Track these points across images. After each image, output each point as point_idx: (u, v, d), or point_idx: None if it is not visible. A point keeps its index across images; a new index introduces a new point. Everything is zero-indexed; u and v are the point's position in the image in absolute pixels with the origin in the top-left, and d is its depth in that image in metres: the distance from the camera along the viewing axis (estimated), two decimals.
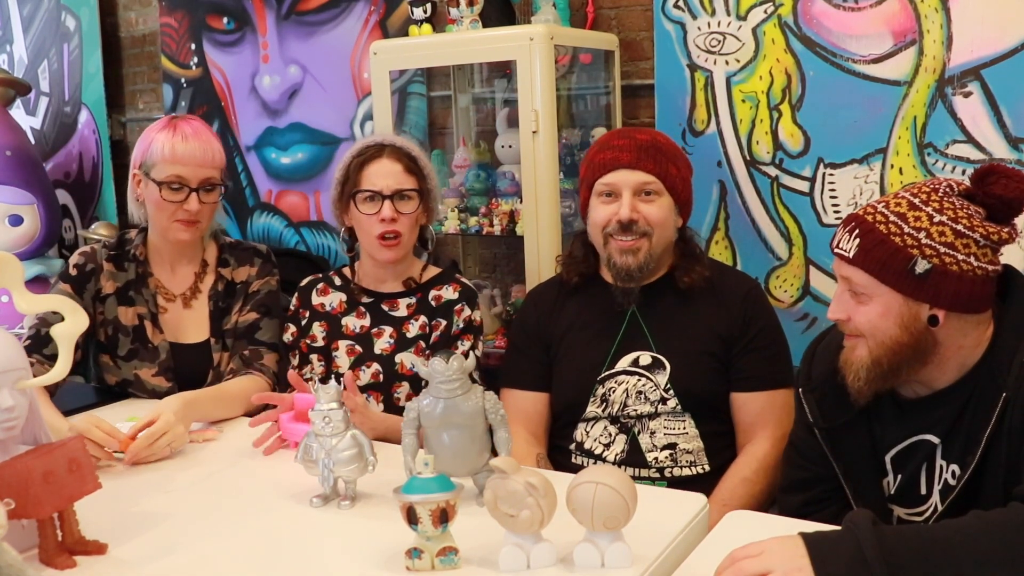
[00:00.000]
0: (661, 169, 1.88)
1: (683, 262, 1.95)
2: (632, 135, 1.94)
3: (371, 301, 2.09)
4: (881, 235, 1.38)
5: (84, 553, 1.30)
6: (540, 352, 2.00)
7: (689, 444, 1.87)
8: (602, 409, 1.91)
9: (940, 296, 1.36)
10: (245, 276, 2.15)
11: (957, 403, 1.42)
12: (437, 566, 1.21)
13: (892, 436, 1.49)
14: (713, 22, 2.52)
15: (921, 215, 1.36)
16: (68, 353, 1.35)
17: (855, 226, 1.42)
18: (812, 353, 1.62)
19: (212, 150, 2.05)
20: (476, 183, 2.69)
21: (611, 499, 1.16)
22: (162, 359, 2.08)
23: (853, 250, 1.40)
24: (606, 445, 1.89)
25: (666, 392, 1.87)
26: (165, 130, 2.03)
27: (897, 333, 1.38)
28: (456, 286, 2.08)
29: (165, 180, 2.01)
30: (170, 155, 2.00)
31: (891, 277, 1.37)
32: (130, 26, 3.95)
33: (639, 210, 1.87)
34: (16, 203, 3.59)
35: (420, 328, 2.05)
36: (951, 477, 1.42)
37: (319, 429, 1.43)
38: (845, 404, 1.48)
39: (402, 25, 3.09)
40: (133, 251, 2.12)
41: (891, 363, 1.40)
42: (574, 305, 2.00)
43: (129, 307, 2.09)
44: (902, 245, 1.36)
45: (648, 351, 1.91)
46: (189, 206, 2.02)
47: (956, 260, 1.35)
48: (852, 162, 2.39)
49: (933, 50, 2.26)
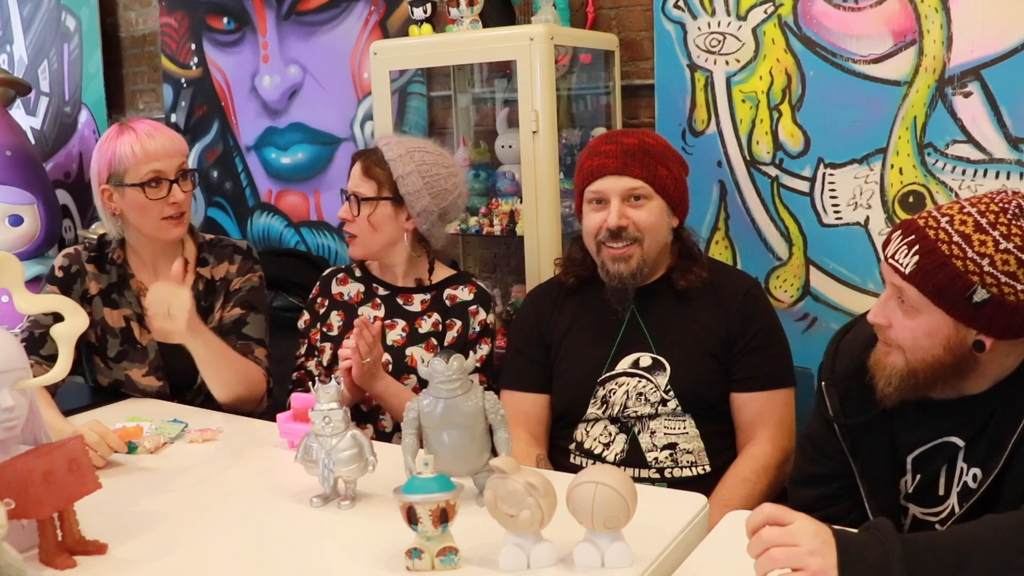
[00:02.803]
0: (649, 173, 1.86)
1: (680, 263, 1.95)
2: (619, 139, 1.91)
3: (387, 294, 2.12)
4: (943, 257, 1.30)
5: (84, 553, 1.29)
6: (540, 354, 2.00)
7: (689, 444, 1.87)
8: (602, 411, 1.90)
9: (993, 325, 1.31)
10: (224, 273, 2.15)
11: (987, 408, 1.39)
12: (437, 566, 1.21)
13: (916, 437, 1.46)
14: (713, 22, 2.52)
15: (987, 240, 1.29)
16: (68, 353, 1.35)
17: (915, 240, 1.33)
18: (836, 346, 1.57)
19: (177, 138, 2.07)
20: (476, 183, 2.69)
21: (611, 499, 1.16)
22: (151, 359, 2.08)
23: (910, 266, 1.32)
24: (606, 445, 1.89)
25: (666, 393, 1.87)
26: (123, 136, 2.02)
27: (940, 353, 1.34)
28: (472, 288, 2.10)
29: (144, 180, 2.00)
30: (142, 154, 1.99)
31: (946, 302, 1.31)
32: (130, 26, 3.95)
33: (628, 216, 1.86)
34: (16, 203, 3.59)
35: (432, 325, 2.07)
36: (971, 480, 1.40)
37: (319, 429, 1.43)
38: (868, 401, 1.44)
39: (402, 25, 3.09)
40: (111, 255, 2.11)
41: (927, 377, 1.36)
42: (573, 306, 2.00)
43: (114, 309, 2.10)
44: (963, 271, 1.29)
45: (648, 352, 1.90)
46: (175, 198, 2.02)
47: (1015, 291, 1.28)
48: (852, 162, 2.39)
49: (933, 50, 2.26)
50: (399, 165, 2.03)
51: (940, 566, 1.08)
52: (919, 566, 1.07)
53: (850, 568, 1.07)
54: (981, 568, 1.08)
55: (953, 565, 1.08)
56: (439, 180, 2.06)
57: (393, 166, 2.03)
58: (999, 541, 1.10)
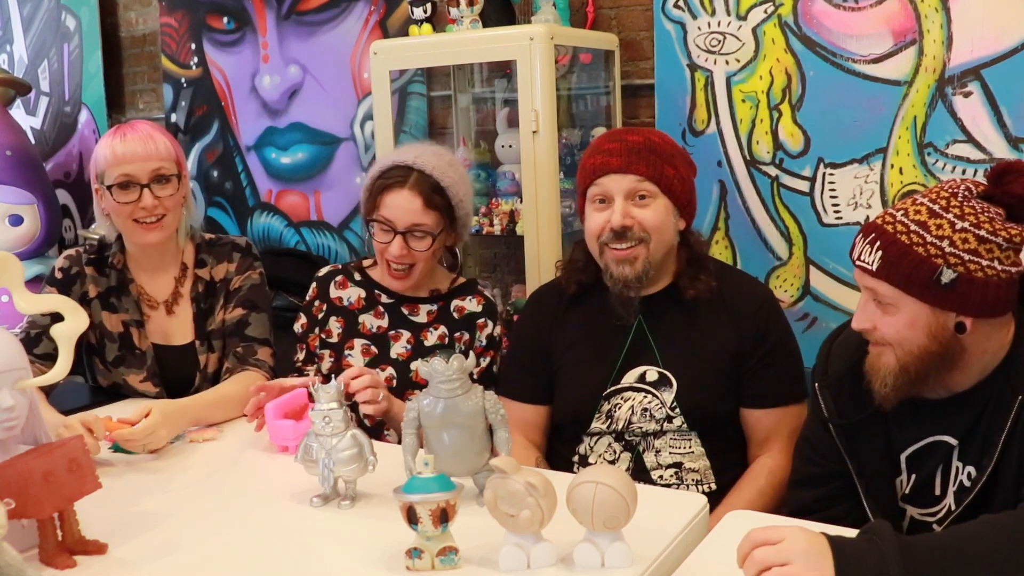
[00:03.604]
0: (655, 171, 1.78)
1: (688, 270, 1.85)
2: (623, 137, 1.83)
3: (391, 302, 2.05)
4: (903, 246, 1.34)
5: (84, 553, 1.29)
6: (539, 365, 1.93)
7: (695, 463, 1.81)
8: (607, 425, 1.84)
9: (967, 304, 1.33)
10: (224, 273, 2.12)
11: (976, 406, 1.40)
12: (437, 566, 1.21)
13: (908, 436, 1.48)
14: (713, 22, 2.52)
15: (943, 222, 1.33)
16: (68, 353, 1.35)
17: (875, 237, 1.38)
18: (828, 349, 1.59)
19: (155, 143, 1.99)
20: (476, 183, 2.69)
21: (611, 499, 1.16)
22: (148, 364, 2.07)
23: (876, 263, 1.37)
24: (611, 462, 1.83)
25: (672, 410, 1.80)
26: (107, 137, 2.01)
27: (925, 342, 1.36)
28: (480, 299, 2.04)
29: (115, 182, 1.97)
30: (112, 156, 1.97)
31: (917, 288, 1.34)
32: (130, 26, 3.95)
33: (633, 215, 1.77)
34: (16, 203, 3.59)
35: (439, 338, 2.00)
36: (967, 479, 1.41)
37: (319, 429, 1.43)
38: (861, 401, 1.46)
39: (402, 25, 3.09)
40: (111, 258, 2.10)
41: (919, 371, 1.38)
42: (578, 314, 1.92)
43: (113, 313, 2.08)
44: (926, 255, 1.33)
45: (655, 366, 1.83)
46: (144, 203, 1.97)
47: (981, 266, 1.32)
48: (852, 162, 2.39)
49: (933, 50, 2.26)
50: (456, 190, 1.96)
51: (939, 567, 1.08)
52: (918, 568, 1.07)
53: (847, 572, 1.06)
54: (980, 568, 1.08)
55: (952, 566, 1.08)
56: (469, 186, 2.03)
57: (451, 192, 1.94)
58: (997, 541, 1.10)
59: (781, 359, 1.83)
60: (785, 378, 1.83)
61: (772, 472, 1.78)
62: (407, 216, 1.92)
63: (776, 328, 1.85)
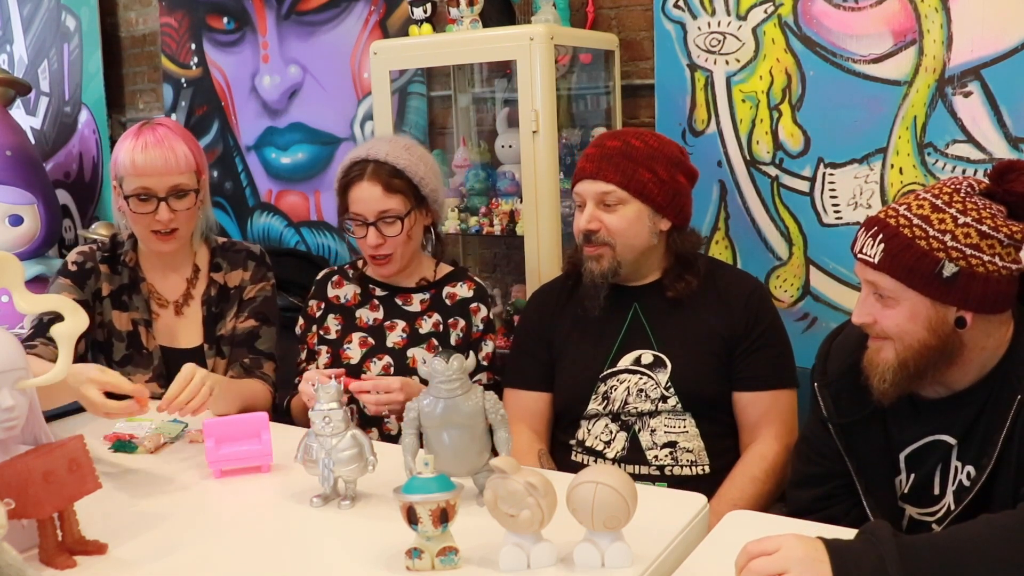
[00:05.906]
0: (624, 177, 1.85)
1: (674, 268, 1.94)
2: (603, 142, 1.92)
3: (385, 295, 2.10)
4: (906, 239, 1.35)
5: (84, 553, 1.29)
6: (543, 352, 2.01)
7: (690, 443, 1.87)
8: (603, 407, 1.91)
9: (968, 298, 1.34)
10: (239, 280, 2.13)
11: (975, 405, 1.41)
12: (437, 566, 1.21)
13: (908, 435, 1.48)
14: (713, 22, 2.52)
15: (945, 217, 1.35)
16: (68, 353, 1.34)
17: (878, 230, 1.39)
18: (827, 348, 1.60)
19: (176, 156, 1.97)
20: (476, 183, 2.69)
21: (611, 499, 1.16)
22: (155, 365, 2.07)
23: (878, 255, 1.38)
24: (607, 442, 1.90)
25: (666, 390, 1.88)
26: (129, 139, 1.98)
27: (925, 336, 1.37)
28: (470, 284, 2.10)
29: (133, 193, 1.97)
30: (131, 167, 1.95)
31: (919, 282, 1.35)
32: (130, 26, 3.95)
33: (601, 220, 1.88)
34: (16, 203, 3.59)
35: (433, 326, 2.06)
36: (966, 479, 1.41)
37: (319, 429, 1.43)
38: (861, 400, 1.47)
39: (402, 25, 3.10)
40: (124, 257, 2.10)
41: (918, 365, 1.38)
42: (577, 303, 2.00)
43: (123, 312, 2.08)
44: (928, 249, 1.34)
45: (650, 349, 1.91)
46: (160, 216, 1.97)
47: (982, 261, 1.33)
48: (852, 162, 2.39)
49: (933, 50, 2.26)
50: (415, 170, 2.00)
51: (938, 568, 1.08)
52: (917, 569, 1.07)
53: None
54: (980, 569, 1.08)
55: (951, 566, 1.08)
56: (433, 164, 2.08)
57: (410, 173, 1.99)
58: (996, 541, 1.10)
59: (771, 344, 1.91)
60: (775, 362, 1.91)
61: (764, 457, 1.84)
62: (372, 205, 1.98)
63: (766, 315, 1.93)
